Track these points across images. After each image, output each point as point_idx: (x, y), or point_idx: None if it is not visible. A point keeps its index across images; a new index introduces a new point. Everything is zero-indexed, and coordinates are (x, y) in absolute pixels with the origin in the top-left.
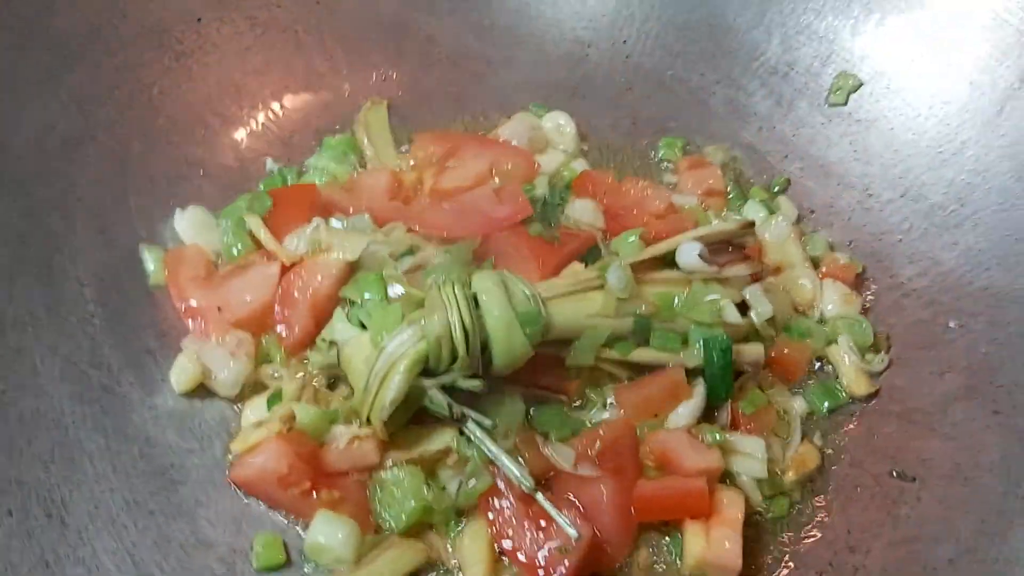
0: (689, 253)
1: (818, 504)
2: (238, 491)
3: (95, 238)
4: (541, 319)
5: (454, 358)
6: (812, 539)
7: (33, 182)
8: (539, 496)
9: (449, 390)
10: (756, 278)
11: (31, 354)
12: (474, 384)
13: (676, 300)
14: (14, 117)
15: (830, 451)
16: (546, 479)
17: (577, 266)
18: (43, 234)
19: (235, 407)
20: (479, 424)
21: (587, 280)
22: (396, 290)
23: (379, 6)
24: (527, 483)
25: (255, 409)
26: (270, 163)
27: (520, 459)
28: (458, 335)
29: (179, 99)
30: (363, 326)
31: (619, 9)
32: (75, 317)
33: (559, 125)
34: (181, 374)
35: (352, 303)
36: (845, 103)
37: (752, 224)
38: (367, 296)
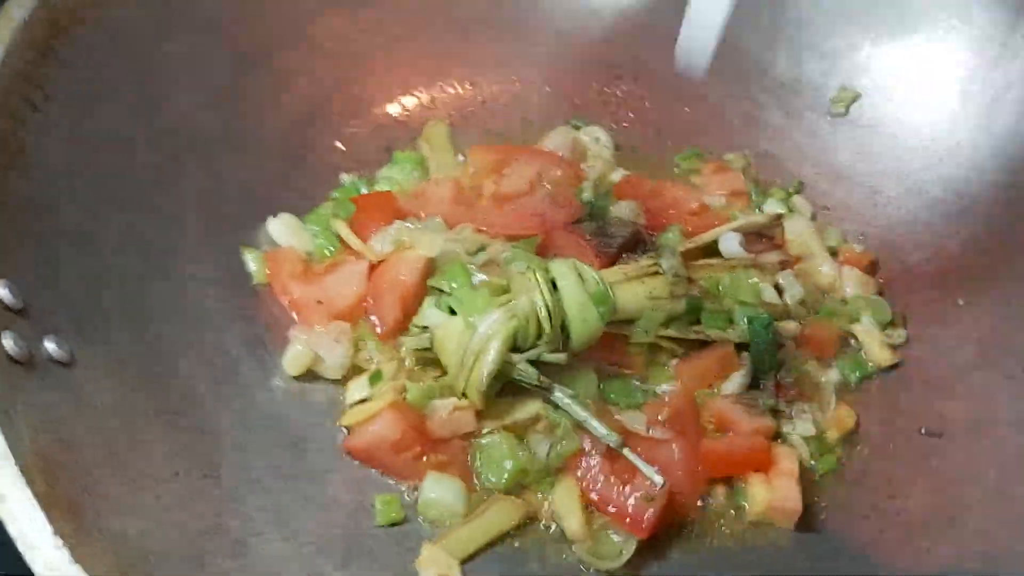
0: (731, 241)
1: (859, 460)
2: (352, 460)
3: (205, 242)
4: (611, 300)
5: (539, 335)
6: (856, 489)
7: (151, 193)
8: (626, 450)
9: (534, 364)
10: (785, 265)
11: (169, 342)
12: (559, 357)
13: (720, 284)
14: (131, 134)
15: (865, 415)
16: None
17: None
18: (164, 239)
19: (337, 389)
20: (564, 392)
21: (643, 267)
22: (479, 278)
23: (429, 34)
24: (615, 438)
25: (358, 388)
26: (344, 177)
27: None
28: (543, 314)
29: (262, 120)
30: (452, 311)
31: (640, 32)
32: (197, 311)
33: (596, 137)
34: (296, 359)
35: (440, 292)
36: (846, 113)
37: (780, 216)
38: (454, 285)
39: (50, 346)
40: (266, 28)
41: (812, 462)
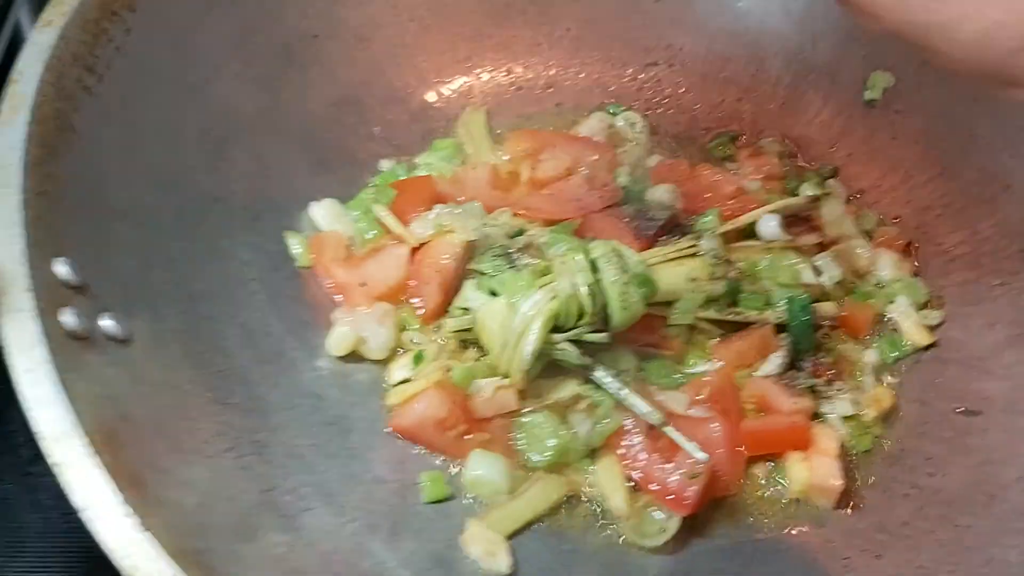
0: (769, 223)
1: (897, 438)
2: (395, 438)
3: (250, 226)
4: (652, 281)
5: (580, 316)
6: (895, 467)
7: (198, 176)
8: (668, 428)
9: (575, 344)
10: (821, 248)
11: (216, 322)
12: (600, 337)
13: (758, 266)
14: (180, 119)
15: (903, 395)
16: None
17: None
18: (210, 221)
19: (380, 370)
20: (605, 371)
21: (683, 249)
22: (520, 261)
23: (463, 21)
24: (657, 416)
25: (401, 369)
26: (384, 163)
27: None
28: (584, 294)
29: (304, 107)
30: (493, 293)
31: (674, 19)
32: (243, 292)
33: (632, 123)
34: (340, 340)
35: (481, 274)
36: (880, 99)
37: (818, 198)
38: (496, 267)
39: (107, 323)
40: (307, 16)
41: (851, 441)
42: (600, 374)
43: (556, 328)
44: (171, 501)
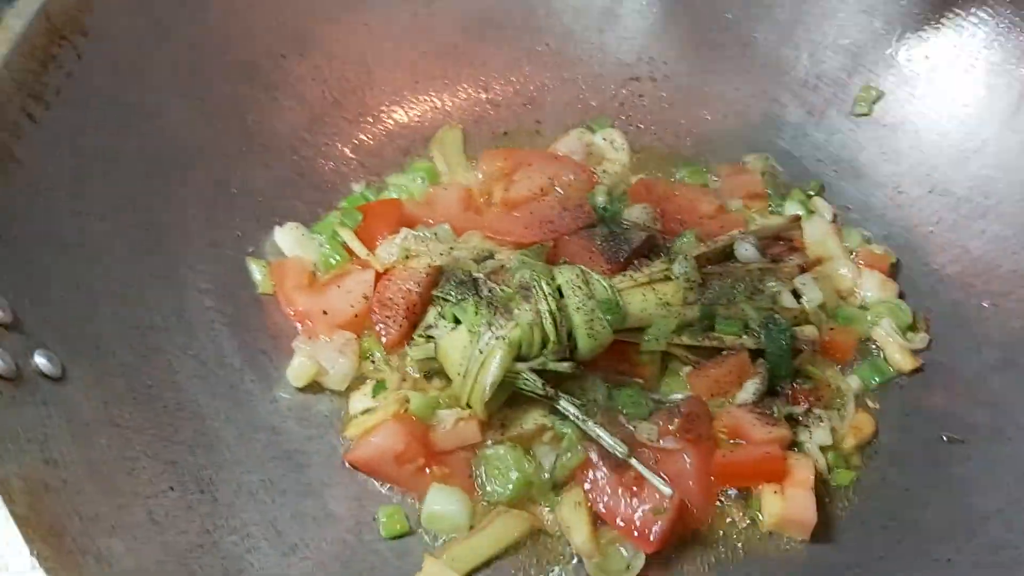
0: (746, 246)
1: (877, 468)
2: (354, 472)
3: (208, 252)
4: (620, 307)
5: (544, 344)
6: (874, 498)
7: (154, 203)
8: (633, 460)
9: (540, 374)
10: (803, 269)
11: (167, 355)
12: (565, 366)
13: (736, 289)
14: (136, 144)
15: (884, 422)
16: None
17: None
18: (165, 249)
19: (341, 400)
20: (570, 402)
21: (655, 273)
22: (485, 286)
23: (438, 37)
24: (621, 449)
25: (361, 399)
26: (355, 186)
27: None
28: (548, 322)
29: (270, 128)
30: (457, 321)
31: (656, 32)
32: (199, 322)
33: (612, 140)
34: (299, 371)
35: (446, 301)
36: (869, 113)
37: (799, 218)
38: (459, 294)
39: (40, 360)
40: (273, 34)
41: (828, 472)
42: (565, 404)
43: (519, 357)
44: (96, 551)
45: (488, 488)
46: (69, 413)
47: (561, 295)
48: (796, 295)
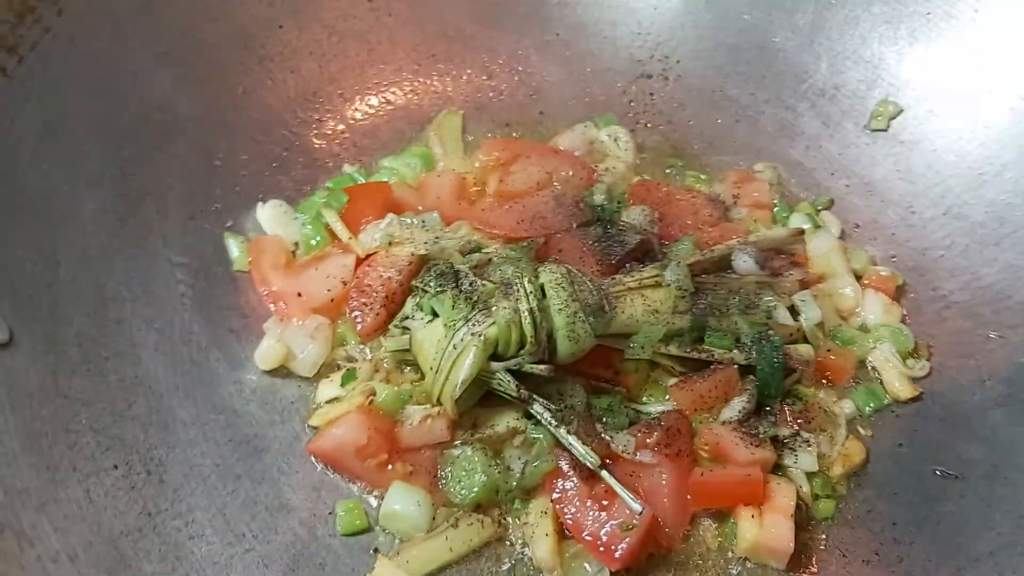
0: (744, 257)
1: (865, 498)
2: (315, 462)
3: (185, 224)
4: (605, 311)
5: (522, 344)
6: (860, 529)
7: (131, 169)
8: (604, 472)
9: (516, 375)
10: (803, 285)
11: (129, 326)
12: (542, 369)
13: (730, 301)
14: (116, 107)
15: (876, 450)
16: (604, 466)
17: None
18: (139, 217)
19: (310, 386)
20: (545, 406)
21: (646, 278)
22: (468, 280)
23: (445, 19)
24: (592, 459)
25: (329, 387)
26: (347, 168)
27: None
28: (527, 322)
29: (261, 100)
30: (435, 313)
31: (672, 29)
32: (167, 295)
33: (617, 138)
34: (266, 353)
35: (424, 292)
36: (886, 129)
37: (802, 232)
38: (438, 285)
39: None
40: (272, 4)
41: (812, 503)
42: (538, 408)
43: (495, 356)
44: (17, 527)
45: (452, 489)
46: (12, 380)
47: (544, 295)
48: (793, 312)
